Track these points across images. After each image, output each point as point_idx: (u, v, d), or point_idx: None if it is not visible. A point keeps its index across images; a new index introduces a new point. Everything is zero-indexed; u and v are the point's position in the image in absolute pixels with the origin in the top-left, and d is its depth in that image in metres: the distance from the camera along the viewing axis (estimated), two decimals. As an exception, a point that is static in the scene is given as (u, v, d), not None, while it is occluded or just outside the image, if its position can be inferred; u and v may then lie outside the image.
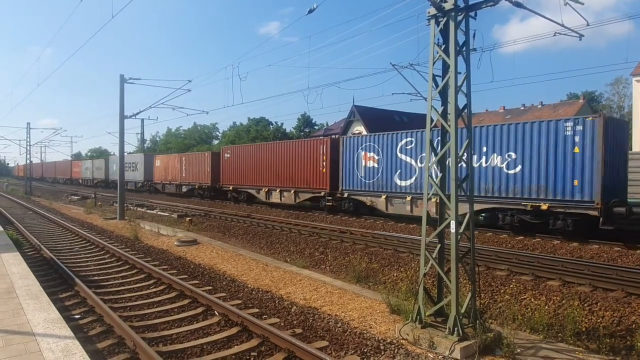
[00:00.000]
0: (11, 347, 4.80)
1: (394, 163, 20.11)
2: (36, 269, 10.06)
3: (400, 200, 19.89)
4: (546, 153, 14.92)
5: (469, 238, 6.56)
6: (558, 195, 14.63)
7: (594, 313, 7.98)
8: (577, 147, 14.23)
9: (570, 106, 69.47)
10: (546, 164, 14.92)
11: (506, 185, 15.96)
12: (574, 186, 14.28)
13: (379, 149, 20.96)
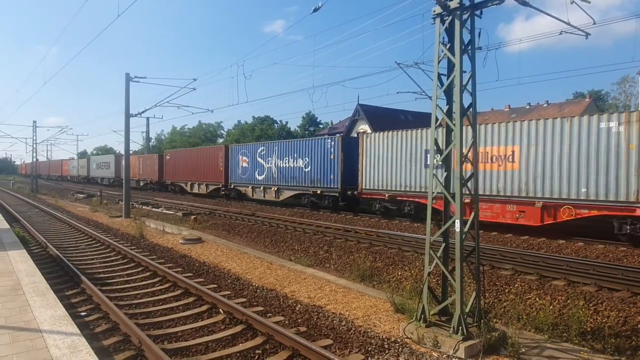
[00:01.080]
0: (18, 343, 4.85)
1: (255, 164, 29.44)
2: (42, 266, 10.14)
3: (259, 189, 29.08)
4: (321, 159, 24.16)
5: (474, 237, 6.55)
6: (326, 184, 23.82)
7: (599, 313, 7.95)
8: (332, 155, 23.32)
9: (576, 105, 69.07)
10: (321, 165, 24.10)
11: (304, 178, 25.36)
12: (331, 179, 23.35)
13: (248, 154, 30.20)
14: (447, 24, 6.48)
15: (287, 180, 26.54)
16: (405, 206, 19.73)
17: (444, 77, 6.71)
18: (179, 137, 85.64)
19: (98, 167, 56.82)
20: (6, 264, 8.68)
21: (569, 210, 14.48)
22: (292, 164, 26.13)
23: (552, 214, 14.85)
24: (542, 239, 14.57)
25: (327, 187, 23.57)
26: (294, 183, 26.02)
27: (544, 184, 15.03)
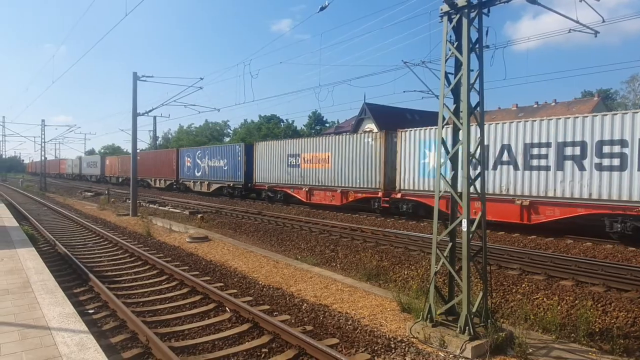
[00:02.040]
0: (27, 340, 4.89)
1: (195, 164, 37.09)
2: (51, 264, 10.22)
3: (197, 183, 36.65)
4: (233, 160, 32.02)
5: (481, 237, 6.52)
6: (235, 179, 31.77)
7: (607, 313, 7.88)
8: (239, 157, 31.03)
9: (585, 104, 68.48)
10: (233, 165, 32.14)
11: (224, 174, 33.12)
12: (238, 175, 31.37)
13: (191, 156, 37.89)
14: (455, 23, 6.44)
15: (214, 176, 34.44)
16: (278, 194, 28.28)
17: (451, 75, 6.68)
18: (186, 135, 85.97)
19: (88, 166, 66.09)
20: (15, 261, 8.76)
21: (353, 194, 22.57)
22: (217, 163, 33.95)
23: (346, 196, 22.96)
24: (549, 238, 14.47)
25: (236, 181, 31.59)
26: (218, 178, 33.82)
27: (341, 177, 23.08)
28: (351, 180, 22.43)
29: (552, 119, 15.02)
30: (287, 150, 27.01)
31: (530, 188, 15.28)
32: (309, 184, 25.07)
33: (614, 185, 13.35)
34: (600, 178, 13.62)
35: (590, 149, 13.85)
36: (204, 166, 35.68)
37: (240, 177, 30.87)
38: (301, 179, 25.60)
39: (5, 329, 5.20)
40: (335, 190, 23.26)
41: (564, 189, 14.48)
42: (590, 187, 13.87)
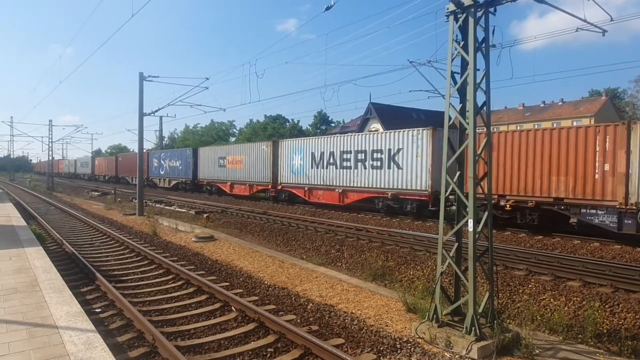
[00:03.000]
0: (35, 339, 4.93)
1: (160, 164, 44.66)
2: (58, 263, 10.29)
3: (161, 180, 44.78)
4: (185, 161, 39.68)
5: (487, 237, 6.49)
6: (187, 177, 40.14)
7: (615, 315, 7.82)
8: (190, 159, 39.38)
9: (592, 103, 67.94)
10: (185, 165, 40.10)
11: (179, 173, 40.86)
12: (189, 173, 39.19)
13: (157, 158, 45.51)
14: (461, 22, 6.41)
15: (172, 174, 42.18)
16: (213, 188, 36.10)
17: (457, 75, 6.65)
18: (192, 135, 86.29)
19: (81, 166, 74.29)
20: (23, 260, 8.83)
21: (256, 187, 30.41)
22: (174, 164, 41.63)
23: (252, 189, 30.81)
24: (556, 239, 14.39)
25: (187, 178, 39.32)
26: (175, 175, 41.63)
27: (249, 174, 30.74)
28: (254, 176, 30.29)
29: (352, 135, 24.06)
30: (218, 154, 35.19)
31: (343, 181, 23.37)
32: (231, 180, 33.05)
33: (378, 178, 21.32)
34: (372, 174, 21.65)
35: (369, 155, 21.87)
36: (166, 166, 43.82)
37: (189, 175, 38.90)
38: (226, 175, 33.77)
39: (14, 328, 5.25)
40: (246, 184, 31.37)
41: (358, 181, 22.54)
42: (368, 179, 21.86)
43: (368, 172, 21.82)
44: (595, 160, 14.19)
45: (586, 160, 14.33)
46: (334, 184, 23.73)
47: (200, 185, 37.79)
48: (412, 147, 19.66)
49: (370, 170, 21.73)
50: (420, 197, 19.38)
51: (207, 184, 36.59)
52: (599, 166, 14.11)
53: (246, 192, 31.35)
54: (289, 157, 27.11)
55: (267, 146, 28.94)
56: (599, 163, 14.09)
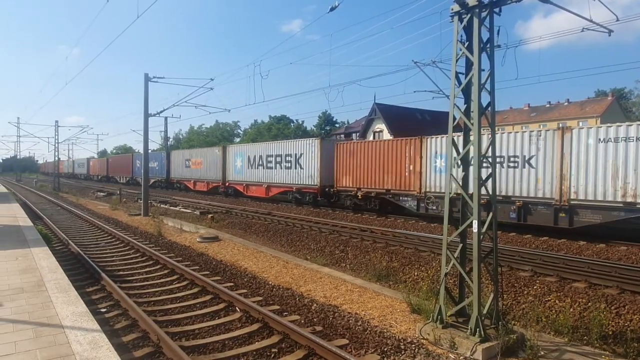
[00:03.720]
0: (41, 338, 4.96)
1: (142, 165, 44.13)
2: (64, 263, 10.36)
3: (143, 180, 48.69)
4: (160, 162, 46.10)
5: (492, 238, 6.47)
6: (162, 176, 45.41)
7: (621, 316, 7.77)
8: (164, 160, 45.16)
9: (599, 103, 67.52)
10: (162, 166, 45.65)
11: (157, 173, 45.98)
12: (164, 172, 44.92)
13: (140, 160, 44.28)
14: (466, 22, 6.40)
15: (151, 174, 44.38)
16: (182, 185, 41.93)
17: (462, 75, 6.64)
18: (197, 136, 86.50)
19: (78, 167, 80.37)
20: (30, 260, 8.89)
21: (212, 184, 36.16)
22: (153, 165, 45.40)
23: (209, 185, 36.51)
24: (562, 240, 14.32)
25: (162, 177, 45.10)
26: (154, 175, 45.58)
27: (207, 174, 36.60)
28: (211, 175, 36.45)
29: (273, 143, 31.24)
30: (185, 156, 41.37)
31: (268, 178, 29.58)
32: (194, 178, 39.12)
33: (289, 176, 27.56)
34: (285, 173, 27.85)
35: (283, 159, 28.11)
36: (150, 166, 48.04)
37: (164, 174, 44.54)
38: (190, 175, 39.76)
39: (20, 327, 5.28)
40: (204, 182, 37.41)
41: (277, 178, 28.64)
42: (283, 177, 28.11)
43: (283, 171, 28.20)
44: (406, 163, 20.41)
45: (401, 163, 20.66)
46: (262, 180, 30.20)
47: (172, 183, 43.86)
48: (309, 152, 25.96)
49: (284, 170, 28.11)
50: (313, 191, 25.82)
51: (177, 182, 43.07)
52: (407, 167, 20.37)
53: (204, 188, 37.41)
54: (234, 159, 33.55)
55: (219, 150, 35.46)
56: (407, 165, 20.36)
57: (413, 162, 19.96)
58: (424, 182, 19.41)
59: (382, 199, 21.99)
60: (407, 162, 20.28)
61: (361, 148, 23.03)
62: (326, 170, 24.99)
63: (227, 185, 34.40)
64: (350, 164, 23.49)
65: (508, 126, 71.93)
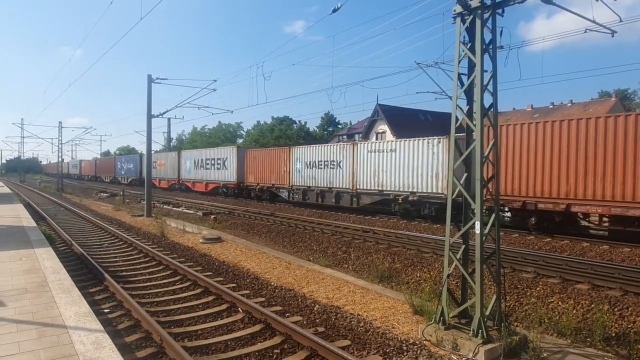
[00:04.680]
0: (45, 338, 4.98)
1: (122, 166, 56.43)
2: (67, 263, 10.39)
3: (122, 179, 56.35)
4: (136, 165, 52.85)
5: (494, 239, 6.46)
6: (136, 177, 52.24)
7: (624, 318, 7.74)
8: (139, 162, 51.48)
9: (602, 104, 67.35)
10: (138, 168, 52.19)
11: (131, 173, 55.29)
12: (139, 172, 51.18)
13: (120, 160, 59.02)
14: (468, 24, 6.40)
15: (128, 174, 54.04)
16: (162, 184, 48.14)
17: (464, 76, 6.64)
18: (199, 137, 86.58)
19: (72, 168, 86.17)
20: (33, 261, 8.93)
21: (171, 182, 44.97)
22: (129, 166, 53.96)
23: (169, 183, 45.36)
24: (565, 241, 14.27)
25: (137, 177, 50.81)
26: (130, 175, 53.33)
27: (167, 173, 45.16)
28: (169, 175, 44.62)
29: (210, 149, 40.01)
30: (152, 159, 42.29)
31: (206, 177, 37.28)
32: (159, 177, 46.73)
33: (220, 175, 35.15)
34: (217, 172, 35.41)
35: (216, 161, 35.66)
36: (125, 167, 56.28)
37: (137, 174, 50.83)
38: (156, 174, 46.04)
39: (24, 327, 5.31)
40: (166, 180, 45.71)
41: (212, 177, 36.37)
42: (216, 176, 35.59)
43: (215, 171, 35.89)
44: (282, 165, 28.60)
45: (279, 165, 28.95)
46: (203, 178, 37.98)
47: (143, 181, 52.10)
48: (230, 157, 33.86)
49: (216, 170, 35.73)
50: (233, 186, 33.85)
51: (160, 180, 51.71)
52: (282, 168, 28.63)
53: (166, 185, 45.73)
54: (185, 162, 41.39)
55: (176, 154, 43.81)
56: (282, 167, 28.61)
57: (286, 165, 28.32)
58: (291, 178, 27.94)
59: (270, 191, 30.59)
60: (283, 165, 28.71)
61: (260, 154, 31.67)
62: (240, 170, 33.19)
63: (181, 182, 42.57)
64: (253, 166, 31.83)
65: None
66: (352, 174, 23.22)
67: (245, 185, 32.70)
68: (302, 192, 26.96)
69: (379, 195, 21.83)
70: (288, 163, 27.93)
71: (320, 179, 25.49)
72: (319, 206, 25.81)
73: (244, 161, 32.75)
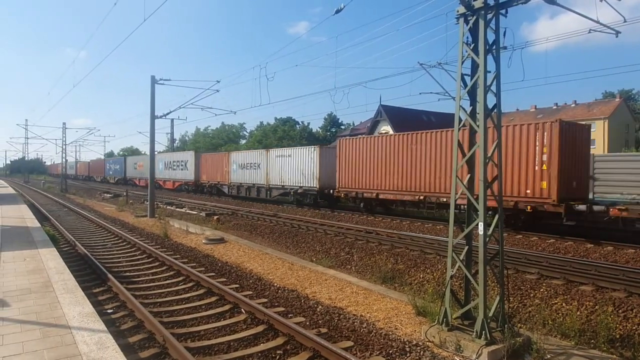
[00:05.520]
0: (49, 339, 5.00)
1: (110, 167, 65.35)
2: (71, 264, 10.42)
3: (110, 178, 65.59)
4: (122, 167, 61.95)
5: (498, 240, 6.44)
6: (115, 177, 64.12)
7: (629, 320, 7.71)
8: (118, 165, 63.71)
9: (606, 105, 67.04)
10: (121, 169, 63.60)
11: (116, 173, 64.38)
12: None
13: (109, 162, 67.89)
14: (471, 24, 6.39)
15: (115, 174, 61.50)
16: (132, 182, 54.82)
17: (467, 77, 6.63)
18: (202, 138, 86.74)
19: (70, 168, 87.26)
20: (37, 261, 8.96)
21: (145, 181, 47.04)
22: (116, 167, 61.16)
23: (145, 182, 45.75)
24: (569, 242, 14.22)
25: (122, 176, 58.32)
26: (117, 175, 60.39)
27: (145, 173, 47.41)
28: (146, 175, 42.39)
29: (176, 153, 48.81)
30: (134, 161, 55.20)
31: (172, 176, 44.17)
32: (138, 177, 52.67)
33: (180, 175, 42.96)
34: (178, 172, 43.21)
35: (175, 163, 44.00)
36: (113, 168, 63.73)
37: (122, 174, 58.24)
38: (137, 174, 53.34)
39: (28, 328, 5.33)
40: (143, 179, 49.04)
41: (177, 176, 43.41)
42: (178, 175, 43.34)
43: (179, 171, 43.00)
44: (224, 167, 35.58)
45: (223, 166, 35.87)
46: (170, 177, 45.00)
47: (127, 180, 57.49)
48: (190, 160, 40.64)
49: (180, 170, 42.89)
50: (192, 184, 40.63)
51: (130, 180, 56.80)
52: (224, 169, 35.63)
53: (144, 184, 48.96)
54: (158, 163, 45.24)
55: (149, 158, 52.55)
56: (224, 168, 35.56)
57: (226, 166, 35.47)
58: (230, 177, 35.11)
59: (217, 187, 37.40)
60: (224, 166, 35.77)
61: (210, 157, 39.01)
62: (197, 171, 39.60)
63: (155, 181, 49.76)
64: (205, 167, 38.79)
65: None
66: (266, 173, 30.44)
67: (201, 183, 39.68)
68: (236, 187, 34.14)
69: (282, 189, 29.15)
70: (228, 165, 35.27)
71: (248, 177, 32.81)
72: (246, 198, 33.45)
73: (200, 163, 39.64)
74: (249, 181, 32.49)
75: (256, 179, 31.60)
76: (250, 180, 32.31)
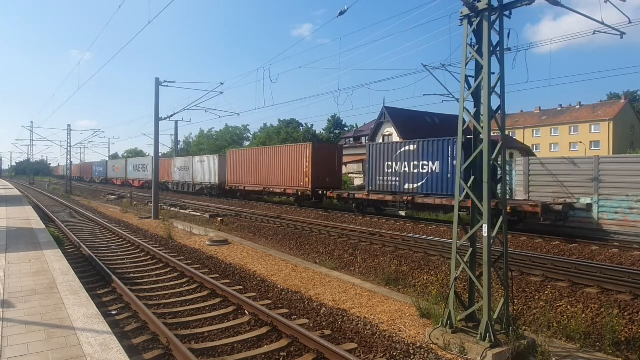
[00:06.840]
0: (53, 340, 5.02)
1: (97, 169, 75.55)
2: (76, 265, 10.48)
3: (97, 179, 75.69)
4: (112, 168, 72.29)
5: (502, 242, 6.42)
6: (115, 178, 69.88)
7: (634, 322, 7.65)
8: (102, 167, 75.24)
9: (611, 106, 66.72)
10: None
11: None
12: None
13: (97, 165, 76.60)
14: (475, 26, 6.38)
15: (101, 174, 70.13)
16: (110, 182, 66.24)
17: (471, 79, 6.62)
18: (206, 140, 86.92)
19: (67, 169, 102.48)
20: (42, 263, 9.01)
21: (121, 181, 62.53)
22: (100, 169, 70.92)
23: (132, 183, 57.04)
24: (574, 244, 14.15)
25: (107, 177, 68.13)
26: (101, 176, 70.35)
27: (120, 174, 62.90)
28: (121, 175, 59.24)
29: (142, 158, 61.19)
30: (113, 164, 64.66)
31: (141, 176, 53.79)
32: (116, 177, 62.44)
33: (145, 175, 51.84)
34: (142, 173, 53.60)
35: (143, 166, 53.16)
36: (98, 170, 73.44)
37: (105, 175, 67.43)
38: (115, 175, 62.69)
39: (33, 329, 5.35)
40: (119, 179, 59.75)
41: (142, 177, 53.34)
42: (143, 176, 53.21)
43: (142, 172, 51.66)
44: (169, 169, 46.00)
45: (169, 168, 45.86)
46: (137, 178, 53.84)
47: (108, 180, 66.78)
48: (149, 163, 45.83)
49: (143, 172, 51.37)
50: (149, 182, 45.80)
51: (110, 179, 65.84)
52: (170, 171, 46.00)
53: (119, 183, 59.73)
54: (129, 166, 56.63)
55: (124, 161, 61.43)
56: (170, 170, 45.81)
57: (171, 168, 45.44)
58: (173, 177, 45.23)
59: (165, 185, 45.98)
60: (170, 168, 45.39)
61: (163, 161, 45.26)
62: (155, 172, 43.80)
63: (126, 180, 58.36)
64: (163, 169, 43.64)
65: (519, 129, 71.38)
66: (192, 174, 41.32)
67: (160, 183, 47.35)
68: (177, 184, 44.78)
69: (200, 185, 40.06)
70: (171, 167, 45.55)
71: (183, 176, 43.43)
72: (182, 192, 43.28)
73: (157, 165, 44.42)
74: (183, 180, 43.28)
75: (187, 177, 42.78)
76: (184, 179, 43.37)
